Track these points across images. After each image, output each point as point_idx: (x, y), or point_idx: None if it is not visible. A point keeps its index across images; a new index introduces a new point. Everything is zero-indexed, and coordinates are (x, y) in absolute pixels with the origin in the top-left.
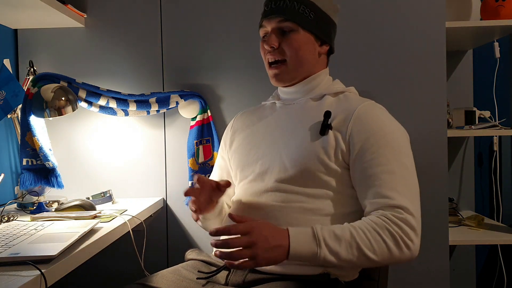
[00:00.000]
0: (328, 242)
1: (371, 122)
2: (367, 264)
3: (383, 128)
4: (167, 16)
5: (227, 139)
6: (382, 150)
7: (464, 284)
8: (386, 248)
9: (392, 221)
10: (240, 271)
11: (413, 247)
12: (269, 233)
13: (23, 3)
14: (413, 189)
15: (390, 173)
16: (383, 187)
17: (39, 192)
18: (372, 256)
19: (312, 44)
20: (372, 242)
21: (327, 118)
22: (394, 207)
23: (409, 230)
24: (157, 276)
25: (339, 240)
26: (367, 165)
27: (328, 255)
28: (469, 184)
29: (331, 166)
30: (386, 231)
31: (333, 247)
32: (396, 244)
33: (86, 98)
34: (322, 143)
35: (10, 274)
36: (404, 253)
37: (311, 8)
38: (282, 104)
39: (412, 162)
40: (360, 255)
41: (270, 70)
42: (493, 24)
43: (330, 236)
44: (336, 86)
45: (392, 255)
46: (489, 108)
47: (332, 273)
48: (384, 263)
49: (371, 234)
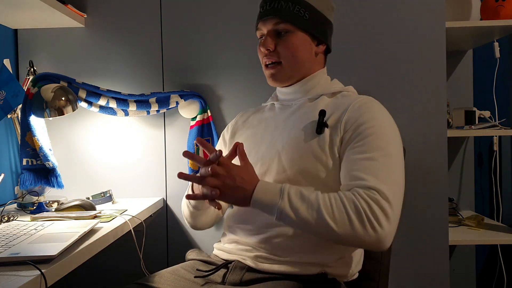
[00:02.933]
0: (291, 197)
1: (363, 113)
2: (326, 234)
3: (374, 119)
4: (167, 16)
5: (226, 138)
6: (368, 139)
7: (464, 284)
8: (347, 221)
9: (362, 197)
10: (237, 270)
11: (381, 231)
12: (238, 174)
13: (23, 3)
14: (394, 179)
15: (372, 159)
16: (361, 171)
17: (39, 192)
18: (331, 224)
19: (308, 44)
20: (334, 210)
21: (322, 117)
22: (368, 187)
23: (378, 212)
24: (156, 276)
25: (303, 199)
26: (351, 152)
27: (287, 209)
28: (469, 184)
29: (329, 164)
30: (352, 204)
31: (294, 203)
32: (359, 220)
33: (86, 98)
34: (318, 142)
35: (10, 274)
36: (368, 233)
37: (306, 8)
38: (280, 105)
39: (398, 154)
40: (319, 218)
41: (266, 71)
42: (493, 24)
43: (296, 193)
44: (334, 86)
45: (354, 230)
46: (489, 108)
47: (330, 273)
48: (346, 238)
49: (336, 203)
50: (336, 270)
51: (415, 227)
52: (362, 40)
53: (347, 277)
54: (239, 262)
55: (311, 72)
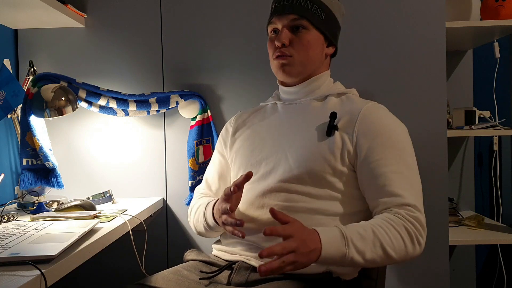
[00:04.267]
0: (354, 241)
1: (376, 123)
2: (386, 262)
3: (389, 129)
4: (167, 16)
5: (226, 139)
6: (389, 151)
7: (464, 284)
8: (403, 245)
9: (407, 219)
10: (242, 271)
11: (423, 244)
12: (306, 236)
13: (23, 3)
14: (417, 188)
15: (398, 173)
16: (393, 186)
17: (39, 192)
18: (392, 254)
19: (321, 43)
20: (392, 240)
21: (333, 119)
22: (405, 205)
23: (420, 228)
24: (158, 277)
25: (364, 239)
26: (374, 165)
27: (355, 255)
28: (469, 184)
29: (337, 167)
30: (403, 229)
31: (360, 247)
32: (411, 241)
33: (86, 98)
34: (328, 144)
35: (10, 274)
36: (416, 250)
37: (323, 8)
38: (283, 104)
39: (415, 161)
40: (383, 253)
41: (276, 61)
42: (493, 24)
43: (355, 236)
44: (338, 88)
45: (407, 252)
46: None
47: (335, 272)
48: (399, 260)
49: (391, 232)
50: (341, 268)
51: None
52: (362, 40)
53: (349, 275)
54: (243, 263)
55: (317, 73)
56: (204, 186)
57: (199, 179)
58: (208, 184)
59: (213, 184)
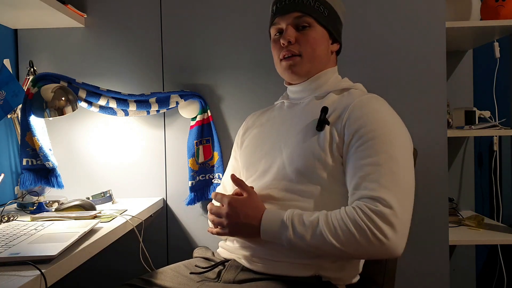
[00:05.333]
0: (295, 225)
1: (366, 113)
2: (336, 253)
3: (377, 120)
4: (167, 16)
5: (238, 140)
6: (371, 142)
7: (464, 284)
8: (353, 240)
9: (363, 212)
10: (232, 269)
11: (387, 242)
12: (242, 210)
13: (23, 3)
14: (400, 183)
15: (375, 165)
16: (365, 179)
17: (39, 192)
18: (337, 245)
19: (326, 40)
20: (337, 230)
21: (323, 114)
22: (371, 198)
23: (381, 223)
24: (158, 273)
25: (305, 225)
26: (354, 156)
27: (293, 238)
28: (469, 184)
29: (328, 161)
30: (353, 221)
31: (299, 230)
32: (363, 236)
33: (86, 98)
34: (318, 139)
35: (10, 274)
36: (375, 246)
37: (325, 5)
38: (289, 103)
39: (406, 157)
40: (325, 241)
41: (283, 62)
42: (493, 24)
43: (299, 221)
44: (343, 83)
45: (360, 246)
46: (489, 108)
47: (324, 276)
48: (356, 254)
49: (338, 223)
50: (331, 273)
51: (415, 227)
52: (362, 40)
53: (343, 280)
54: (235, 261)
55: (321, 69)
56: (221, 187)
57: (199, 179)
58: (224, 185)
59: (227, 185)
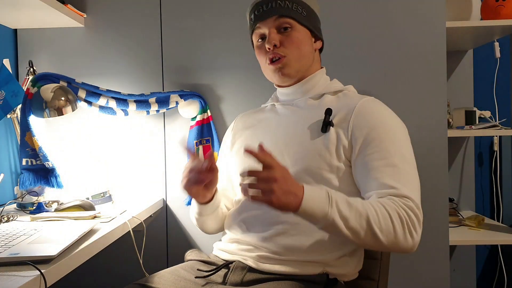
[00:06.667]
0: (339, 205)
1: (372, 116)
2: (371, 242)
3: (384, 122)
4: (167, 16)
5: (228, 141)
6: (384, 144)
7: (464, 285)
8: (392, 229)
9: (401, 206)
10: (238, 271)
11: (416, 238)
12: (289, 177)
13: (23, 3)
14: (414, 182)
15: (393, 166)
16: (388, 179)
17: (38, 192)
18: (378, 233)
19: (309, 39)
20: (380, 219)
21: (328, 115)
22: (401, 196)
23: (415, 219)
24: (155, 277)
25: (351, 207)
26: (369, 158)
27: (337, 218)
28: (469, 184)
29: (333, 163)
30: (395, 213)
31: (343, 211)
32: (402, 228)
33: (86, 98)
34: (323, 140)
35: (10, 274)
36: (407, 241)
37: (303, 6)
38: (281, 105)
39: (412, 155)
40: (368, 228)
41: (271, 66)
42: (493, 24)
43: (342, 201)
44: (335, 85)
45: (397, 238)
46: (489, 108)
47: (331, 273)
48: (388, 245)
49: (380, 211)
50: (337, 269)
51: None
52: (362, 40)
53: (347, 276)
54: (240, 262)
55: (311, 71)
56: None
57: None
58: None
59: None
